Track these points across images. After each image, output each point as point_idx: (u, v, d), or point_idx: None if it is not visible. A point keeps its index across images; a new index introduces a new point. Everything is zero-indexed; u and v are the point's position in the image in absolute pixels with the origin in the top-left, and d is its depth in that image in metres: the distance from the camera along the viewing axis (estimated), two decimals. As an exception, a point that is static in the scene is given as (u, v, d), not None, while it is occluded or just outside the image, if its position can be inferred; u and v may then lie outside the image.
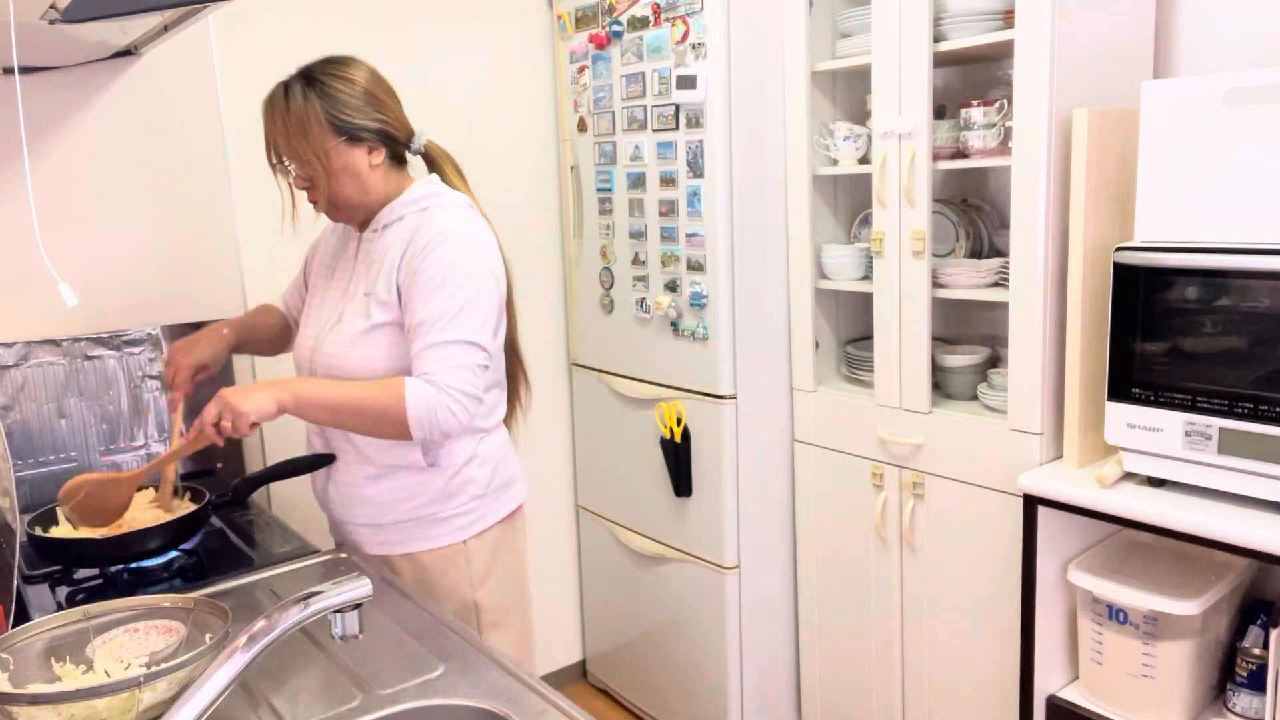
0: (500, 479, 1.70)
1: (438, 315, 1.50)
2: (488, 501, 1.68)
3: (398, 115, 1.61)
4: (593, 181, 2.62)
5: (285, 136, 1.54)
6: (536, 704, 1.16)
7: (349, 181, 1.57)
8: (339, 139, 1.54)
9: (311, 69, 1.56)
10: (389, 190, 1.62)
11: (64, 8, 1.19)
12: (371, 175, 1.59)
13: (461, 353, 1.50)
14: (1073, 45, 1.82)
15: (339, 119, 1.53)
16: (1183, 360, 1.65)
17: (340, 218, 1.65)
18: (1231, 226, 1.60)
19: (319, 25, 2.35)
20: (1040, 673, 1.89)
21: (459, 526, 1.65)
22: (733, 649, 2.44)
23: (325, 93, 1.53)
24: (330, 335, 1.61)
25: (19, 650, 1.15)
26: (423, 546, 1.64)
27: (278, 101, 1.55)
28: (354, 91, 1.55)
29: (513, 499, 1.73)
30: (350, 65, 1.58)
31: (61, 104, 2.01)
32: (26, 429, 1.97)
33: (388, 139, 1.59)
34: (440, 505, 1.63)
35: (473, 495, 1.65)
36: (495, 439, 1.70)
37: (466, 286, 1.51)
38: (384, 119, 1.58)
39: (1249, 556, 1.56)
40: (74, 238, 2.05)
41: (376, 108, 1.57)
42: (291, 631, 0.95)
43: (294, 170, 1.57)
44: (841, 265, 2.27)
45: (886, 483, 2.19)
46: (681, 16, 2.24)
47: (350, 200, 1.59)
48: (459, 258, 1.52)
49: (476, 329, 1.52)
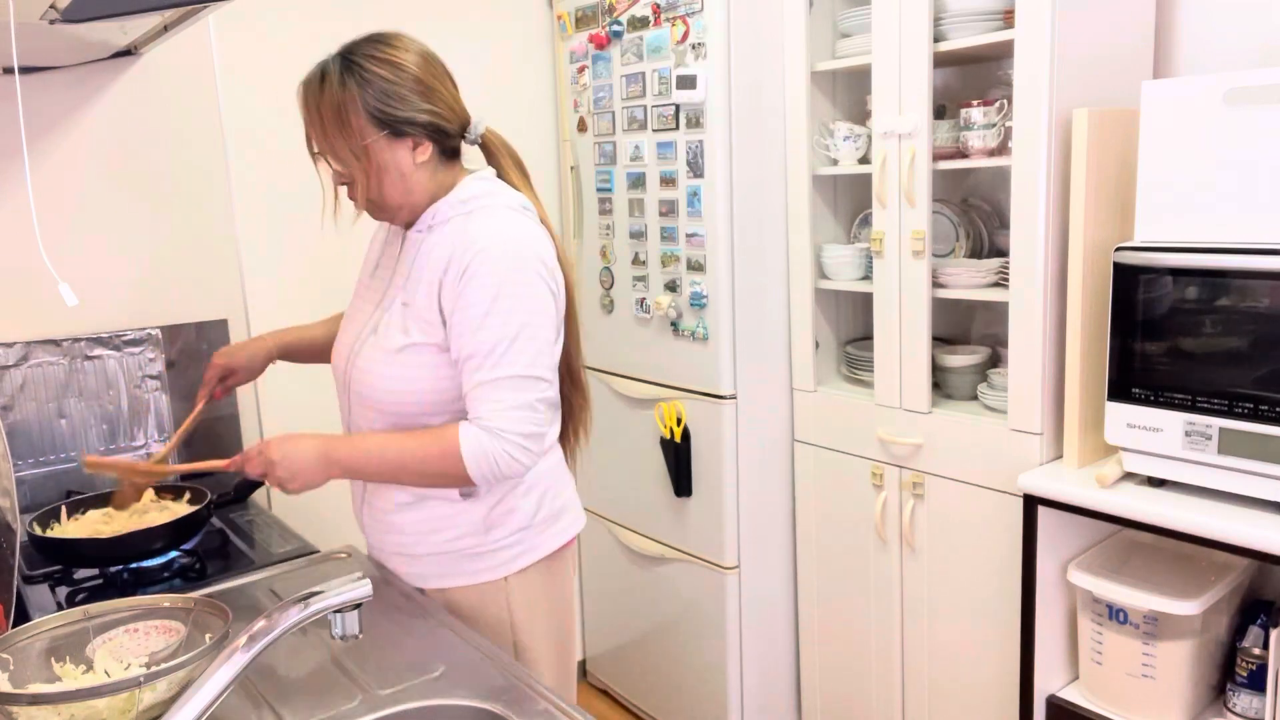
0: (549, 509, 1.51)
1: (488, 349, 1.34)
2: (533, 534, 1.49)
3: (451, 103, 1.42)
4: (593, 181, 2.62)
5: (320, 128, 1.37)
6: (536, 704, 1.16)
7: (392, 180, 1.39)
8: (380, 133, 1.36)
9: (352, 49, 1.38)
10: (437, 188, 1.44)
11: (64, 8, 1.19)
12: (418, 173, 1.40)
13: (516, 390, 1.35)
14: (1073, 45, 1.82)
15: (382, 111, 1.35)
16: (1183, 360, 1.65)
17: (383, 217, 1.46)
18: (1231, 226, 1.60)
19: (318, 25, 2.34)
20: (1040, 673, 1.89)
21: (500, 562, 1.48)
22: (733, 649, 2.44)
23: (366, 79, 1.34)
24: (365, 348, 1.45)
25: (19, 650, 1.15)
26: (458, 583, 1.48)
27: (312, 87, 1.37)
28: (400, 78, 1.36)
29: (563, 531, 1.54)
30: (397, 46, 1.39)
31: (61, 104, 2.01)
32: (26, 429, 1.97)
33: (437, 132, 1.40)
34: (479, 539, 1.46)
35: (516, 527, 1.48)
36: (545, 463, 1.51)
37: (517, 312, 1.35)
38: (434, 109, 1.39)
39: (1249, 556, 1.55)
40: (74, 238, 2.05)
41: (425, 97, 1.38)
42: (291, 631, 0.95)
43: (332, 165, 1.40)
44: (841, 265, 2.27)
45: (886, 483, 2.19)
46: (681, 16, 2.24)
47: (393, 201, 1.42)
48: (505, 279, 1.35)
49: (533, 360, 1.36)
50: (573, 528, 1.57)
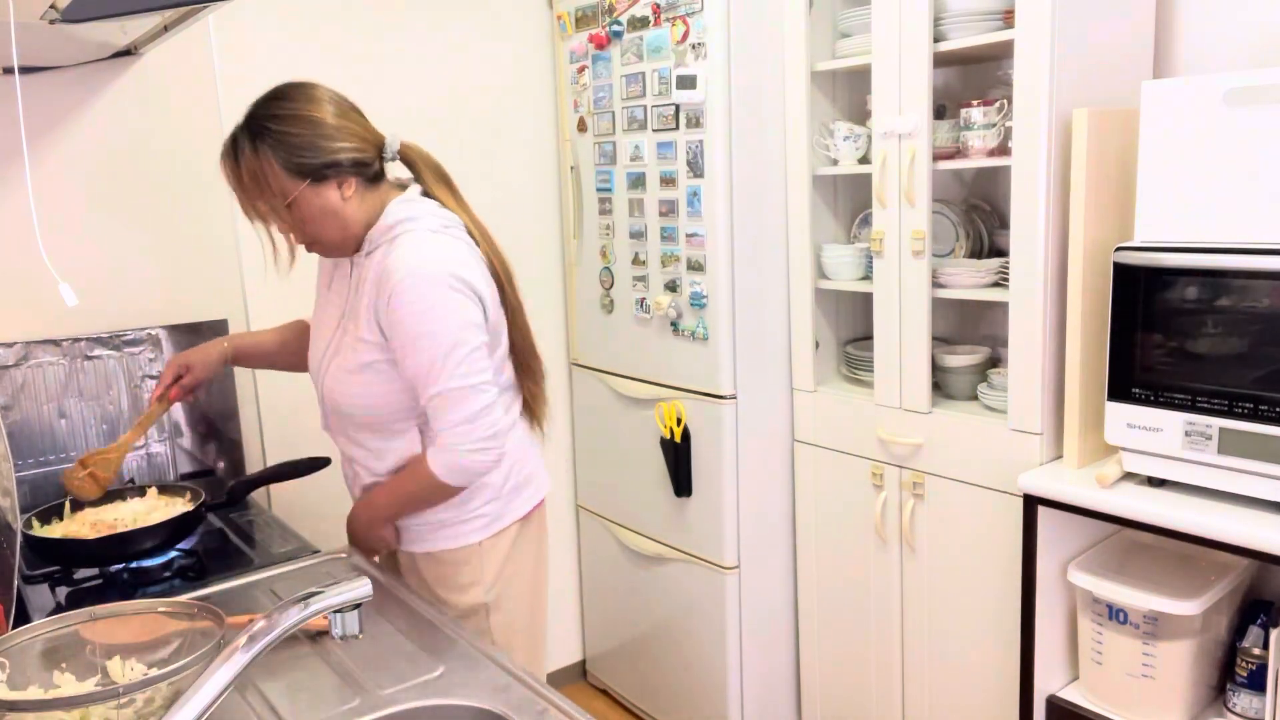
0: (516, 479, 1.67)
1: (425, 370, 1.47)
2: (502, 503, 1.65)
3: (362, 134, 1.49)
4: (593, 181, 2.62)
5: (247, 195, 1.46)
6: (536, 704, 1.16)
7: (327, 221, 1.48)
8: (302, 183, 1.44)
9: (255, 114, 1.45)
10: (370, 215, 1.53)
11: (64, 8, 1.19)
12: (347, 207, 1.49)
13: (459, 403, 1.48)
14: (1073, 45, 1.81)
15: (299, 164, 1.43)
16: (1183, 360, 1.65)
17: (333, 253, 1.57)
18: (1231, 226, 1.60)
19: (318, 25, 2.35)
20: (1040, 673, 1.89)
21: (475, 528, 1.63)
22: (733, 649, 2.44)
23: (276, 140, 1.42)
24: (331, 368, 1.59)
25: (17, 652, 1.14)
26: (441, 546, 1.64)
27: (229, 160, 1.46)
28: (306, 129, 1.43)
29: (529, 498, 1.70)
30: (296, 99, 1.45)
31: (61, 104, 2.01)
32: (26, 429, 1.97)
33: (356, 165, 1.48)
34: (456, 510, 1.62)
35: (488, 499, 1.63)
36: (509, 441, 1.65)
37: (442, 334, 1.46)
38: (346, 146, 1.46)
39: (1249, 556, 1.55)
40: (74, 238, 2.05)
41: (335, 138, 1.45)
42: (291, 631, 0.95)
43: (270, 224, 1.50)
44: (841, 265, 2.27)
45: (886, 483, 2.19)
46: (681, 16, 2.24)
47: (334, 239, 1.52)
48: (427, 306, 1.45)
49: (470, 371, 1.48)
50: (538, 492, 1.73)
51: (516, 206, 2.73)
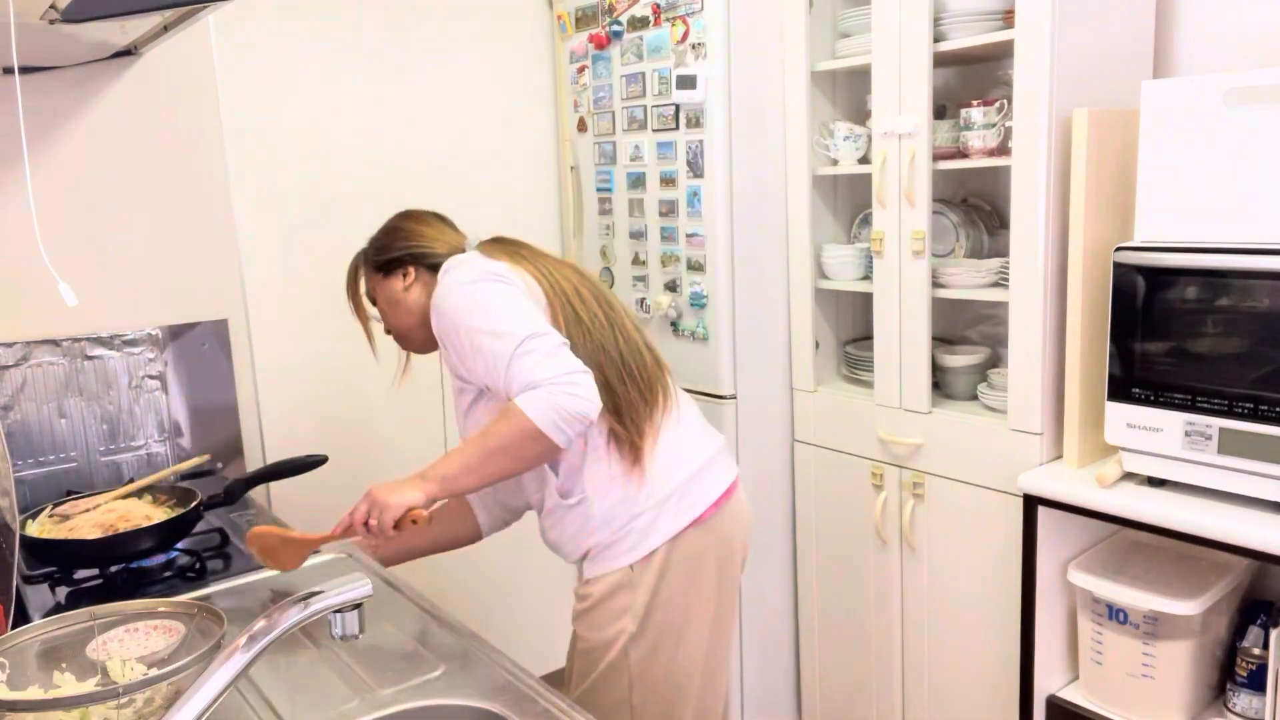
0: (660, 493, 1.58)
1: (487, 352, 1.49)
2: (646, 520, 1.57)
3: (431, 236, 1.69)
4: (593, 181, 2.62)
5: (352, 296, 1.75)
6: (536, 704, 1.16)
7: (396, 310, 1.69)
8: (375, 275, 1.70)
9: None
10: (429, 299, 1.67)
11: (64, 8, 1.19)
12: (408, 296, 1.68)
13: (527, 354, 1.46)
14: (1073, 45, 1.82)
15: (372, 259, 1.70)
16: (1182, 360, 1.65)
17: (414, 348, 1.74)
18: (1231, 226, 1.60)
19: (318, 25, 2.34)
20: (1040, 672, 1.89)
21: (624, 550, 1.58)
22: (733, 648, 2.44)
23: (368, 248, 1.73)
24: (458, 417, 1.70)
25: (17, 652, 1.14)
26: (596, 572, 1.60)
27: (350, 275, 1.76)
28: (381, 234, 1.72)
29: (683, 512, 1.59)
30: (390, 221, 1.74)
31: (61, 104, 2.01)
32: (26, 429, 1.97)
33: (416, 258, 1.68)
34: (603, 533, 1.58)
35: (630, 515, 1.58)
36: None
37: (488, 307, 1.51)
38: (409, 244, 1.68)
39: (1249, 556, 1.56)
40: (74, 238, 2.05)
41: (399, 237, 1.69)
42: (291, 631, 0.95)
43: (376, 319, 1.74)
44: (841, 265, 2.27)
45: (886, 483, 2.19)
46: (681, 16, 2.24)
47: (409, 327, 1.69)
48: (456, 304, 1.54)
49: (520, 326, 1.48)
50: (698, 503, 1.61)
51: (517, 206, 2.73)
